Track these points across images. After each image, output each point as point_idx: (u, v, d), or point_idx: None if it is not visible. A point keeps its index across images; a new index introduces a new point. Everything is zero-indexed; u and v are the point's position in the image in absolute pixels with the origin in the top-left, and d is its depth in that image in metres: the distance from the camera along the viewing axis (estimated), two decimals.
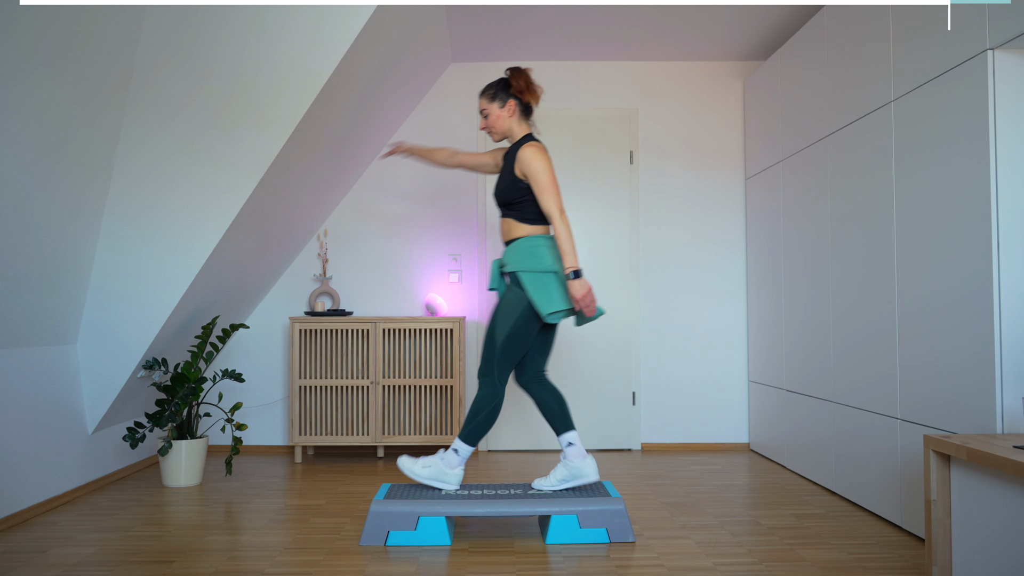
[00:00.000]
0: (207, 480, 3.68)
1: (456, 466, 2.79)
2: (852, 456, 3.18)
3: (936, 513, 2.21)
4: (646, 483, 3.59)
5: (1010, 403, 2.28)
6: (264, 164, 3.19)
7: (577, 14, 3.87)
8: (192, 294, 3.42)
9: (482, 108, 2.86)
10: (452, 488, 2.79)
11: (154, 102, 3.07)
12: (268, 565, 2.44)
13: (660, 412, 4.50)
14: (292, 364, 4.12)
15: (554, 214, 2.69)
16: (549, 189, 2.70)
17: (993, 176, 2.32)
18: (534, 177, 2.71)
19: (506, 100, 2.82)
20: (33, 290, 2.89)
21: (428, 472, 2.79)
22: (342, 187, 4.39)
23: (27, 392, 3.02)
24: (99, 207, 3.13)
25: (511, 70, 2.85)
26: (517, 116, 2.85)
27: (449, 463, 2.79)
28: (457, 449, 2.77)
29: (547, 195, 2.70)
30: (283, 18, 3.00)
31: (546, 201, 2.70)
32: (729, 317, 4.51)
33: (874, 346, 2.99)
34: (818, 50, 3.48)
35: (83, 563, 2.47)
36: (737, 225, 4.53)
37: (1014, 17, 2.22)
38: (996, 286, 2.31)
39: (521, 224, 2.79)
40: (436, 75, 4.47)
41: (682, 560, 2.47)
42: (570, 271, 2.65)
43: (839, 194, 3.29)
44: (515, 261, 2.76)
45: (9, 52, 2.30)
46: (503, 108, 2.83)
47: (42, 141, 2.61)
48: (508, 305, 2.73)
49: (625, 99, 4.57)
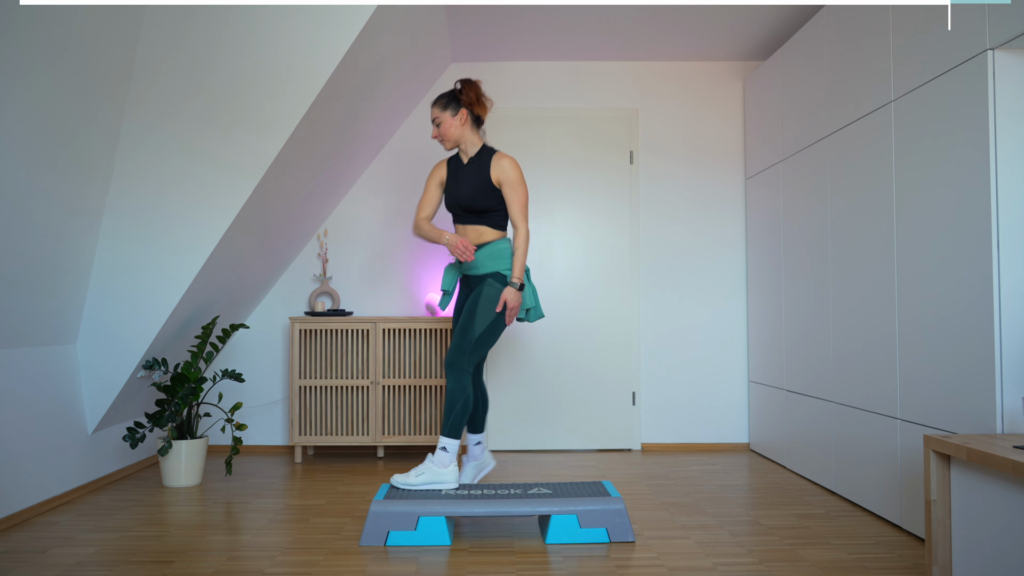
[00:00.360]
0: (207, 480, 3.68)
1: (448, 464, 2.82)
2: (852, 456, 3.18)
3: (936, 513, 2.21)
4: (646, 483, 3.59)
5: (1010, 403, 2.28)
6: (264, 164, 3.19)
7: (577, 14, 3.87)
8: (192, 294, 3.42)
9: (434, 117, 2.99)
10: (452, 486, 2.80)
11: (154, 102, 3.08)
12: (268, 565, 2.44)
13: (660, 412, 4.50)
14: (292, 364, 4.12)
15: (524, 227, 2.92)
16: (525, 203, 2.93)
17: (993, 176, 2.32)
18: (515, 187, 2.91)
19: (458, 109, 2.96)
20: (33, 290, 2.89)
21: (423, 479, 2.81)
22: (342, 187, 4.39)
23: (27, 392, 3.02)
24: (99, 207, 3.13)
25: (462, 82, 2.99)
26: (469, 125, 2.98)
27: (441, 463, 2.81)
28: (445, 447, 2.81)
29: (521, 207, 2.92)
30: (283, 18, 3.00)
31: (520, 212, 2.91)
32: (729, 317, 4.51)
33: (874, 346, 2.99)
34: (818, 50, 3.48)
35: (83, 563, 2.47)
36: (737, 225, 4.53)
37: (1014, 17, 2.22)
38: (996, 286, 2.31)
39: (491, 232, 2.96)
40: (436, 75, 4.47)
41: (682, 560, 2.47)
42: (516, 281, 2.88)
43: (839, 194, 3.29)
44: (493, 263, 2.92)
45: (9, 52, 2.30)
46: (455, 117, 2.96)
47: (42, 141, 2.61)
48: (489, 300, 2.86)
49: (625, 99, 4.57)
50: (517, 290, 2.88)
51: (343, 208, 4.52)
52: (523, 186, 2.92)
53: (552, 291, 4.45)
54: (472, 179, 2.95)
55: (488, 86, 4.52)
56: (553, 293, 4.45)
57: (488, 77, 4.54)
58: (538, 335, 4.46)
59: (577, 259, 4.51)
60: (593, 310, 4.49)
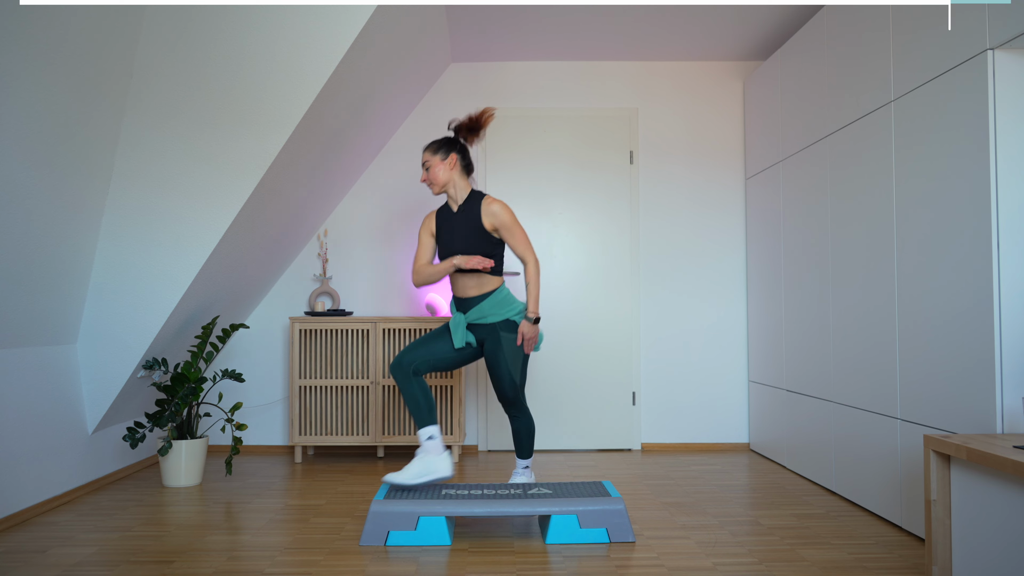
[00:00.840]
0: (207, 480, 3.68)
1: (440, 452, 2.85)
2: (852, 456, 3.18)
3: (936, 513, 2.21)
4: (646, 483, 3.59)
5: (1010, 403, 2.28)
6: (264, 164, 3.19)
7: (577, 14, 3.87)
8: (192, 294, 3.42)
9: (424, 160, 3.03)
10: (447, 473, 2.83)
11: (154, 102, 3.08)
12: (268, 565, 2.44)
13: (660, 412, 4.50)
14: (292, 364, 4.12)
15: (533, 259, 2.98)
16: (526, 238, 2.98)
17: (993, 176, 2.32)
18: (511, 229, 2.95)
19: (448, 153, 2.99)
20: (33, 290, 2.89)
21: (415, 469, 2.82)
22: (342, 187, 4.39)
23: (27, 392, 3.02)
24: (99, 207, 3.14)
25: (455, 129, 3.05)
26: (458, 169, 3.01)
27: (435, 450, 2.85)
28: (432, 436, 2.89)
29: (525, 243, 2.98)
30: (282, 18, 3.00)
31: (527, 250, 2.98)
32: (729, 317, 4.51)
33: (874, 346, 2.99)
34: (818, 50, 3.48)
35: (83, 563, 2.47)
36: (737, 225, 4.53)
37: (1014, 17, 2.22)
38: (996, 286, 2.31)
39: (492, 277, 2.99)
40: (436, 75, 4.47)
41: (682, 560, 2.47)
42: (533, 316, 2.96)
43: (839, 194, 3.29)
44: (501, 311, 2.97)
45: (9, 52, 2.30)
46: (444, 161, 2.99)
47: (42, 141, 2.61)
48: (511, 343, 2.96)
49: (625, 99, 4.57)
50: (532, 323, 2.95)
51: (343, 208, 4.52)
52: (519, 226, 2.97)
53: (552, 291, 4.45)
54: (465, 228, 2.97)
55: (488, 86, 4.53)
56: (553, 293, 4.45)
57: (488, 77, 4.55)
58: None
59: (577, 259, 4.51)
60: (593, 310, 4.49)
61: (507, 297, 3.00)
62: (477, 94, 4.53)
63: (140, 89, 3.04)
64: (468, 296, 3.00)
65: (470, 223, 2.96)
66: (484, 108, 3.06)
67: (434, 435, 2.89)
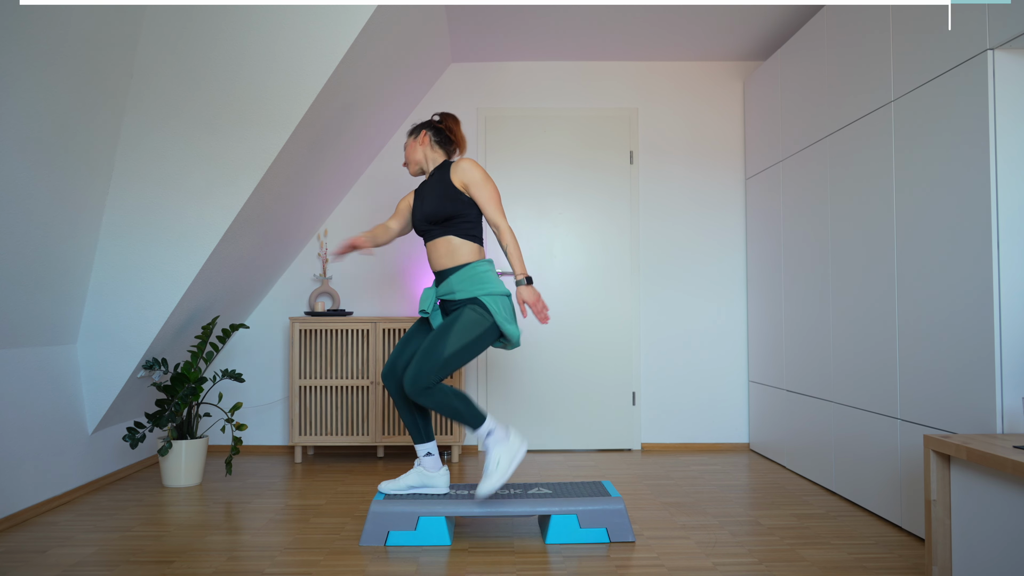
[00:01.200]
0: (207, 480, 3.68)
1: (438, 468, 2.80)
2: (852, 456, 3.18)
3: (936, 513, 2.21)
4: (646, 483, 3.59)
5: (1010, 403, 2.28)
6: (264, 164, 3.19)
7: (577, 14, 3.87)
8: (192, 294, 3.42)
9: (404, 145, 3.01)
10: (443, 491, 2.80)
11: (154, 102, 3.08)
12: (268, 565, 2.44)
13: (660, 412, 4.50)
14: (292, 364, 4.12)
15: (504, 224, 2.75)
16: (496, 197, 2.78)
17: (993, 176, 2.32)
18: (481, 185, 2.76)
19: (420, 131, 2.96)
20: (33, 290, 2.89)
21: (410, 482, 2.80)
22: (342, 187, 4.39)
23: (27, 392, 3.02)
24: (99, 207, 3.14)
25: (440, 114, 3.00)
26: (429, 144, 2.94)
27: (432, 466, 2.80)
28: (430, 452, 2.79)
29: (496, 204, 2.77)
30: (283, 18, 3.00)
31: (496, 209, 2.76)
32: (729, 317, 4.51)
33: (874, 346, 2.99)
34: (818, 50, 3.48)
35: (83, 563, 2.47)
36: (737, 225, 4.53)
37: (1014, 17, 2.22)
38: (996, 286, 2.31)
39: (462, 244, 2.77)
40: (436, 75, 4.47)
41: (682, 560, 2.47)
42: (523, 277, 2.73)
43: (839, 194, 3.29)
44: (471, 288, 2.71)
45: (9, 52, 2.30)
46: (416, 138, 2.96)
47: (42, 141, 2.61)
48: (469, 323, 2.65)
49: (625, 99, 4.57)
50: (528, 285, 2.72)
51: (343, 208, 4.52)
52: (490, 182, 2.77)
53: (552, 291, 4.45)
54: (434, 189, 2.83)
55: (488, 86, 4.53)
56: (553, 293, 4.45)
57: (488, 77, 4.55)
58: (538, 335, 4.46)
59: (577, 259, 4.51)
60: (593, 310, 4.49)
61: (481, 274, 2.72)
62: (477, 94, 4.53)
63: (140, 89, 3.04)
64: (440, 269, 2.80)
65: (440, 183, 2.80)
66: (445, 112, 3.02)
67: (432, 451, 2.79)
